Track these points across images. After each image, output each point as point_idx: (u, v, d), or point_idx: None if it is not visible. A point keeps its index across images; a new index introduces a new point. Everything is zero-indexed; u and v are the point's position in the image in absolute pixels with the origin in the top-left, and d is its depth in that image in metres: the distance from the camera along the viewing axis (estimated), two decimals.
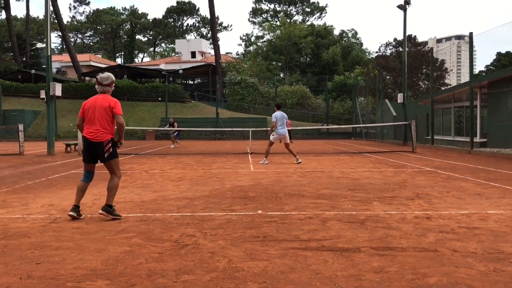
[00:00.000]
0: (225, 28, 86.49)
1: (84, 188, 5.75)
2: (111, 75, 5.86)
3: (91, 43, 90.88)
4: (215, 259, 3.87)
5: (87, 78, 53.09)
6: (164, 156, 17.28)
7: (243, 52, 72.11)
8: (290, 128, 26.13)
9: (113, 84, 5.87)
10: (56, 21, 47.96)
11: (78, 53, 63.17)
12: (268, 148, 13.18)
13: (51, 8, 38.46)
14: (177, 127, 24.03)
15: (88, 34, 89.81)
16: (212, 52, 56.44)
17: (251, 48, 68.32)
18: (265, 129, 24.84)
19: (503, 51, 52.00)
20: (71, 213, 5.54)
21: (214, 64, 48.93)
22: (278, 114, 12.98)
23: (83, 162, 5.81)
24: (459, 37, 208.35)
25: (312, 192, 7.65)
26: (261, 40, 65.84)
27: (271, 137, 13.14)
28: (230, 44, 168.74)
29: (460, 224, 5.14)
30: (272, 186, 8.49)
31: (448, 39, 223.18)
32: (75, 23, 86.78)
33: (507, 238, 4.51)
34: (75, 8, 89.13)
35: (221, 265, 3.71)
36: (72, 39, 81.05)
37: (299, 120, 43.19)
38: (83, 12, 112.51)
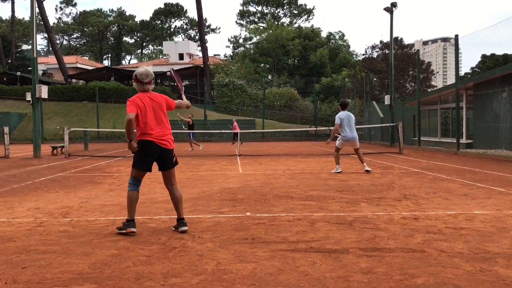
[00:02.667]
0: (213, 30, 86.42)
1: (138, 197, 5.17)
2: (150, 70, 5.19)
3: (77, 45, 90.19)
4: (204, 262, 3.86)
5: (73, 80, 52.67)
6: None
7: (231, 54, 72.07)
8: (238, 130, 26.18)
9: (153, 82, 5.20)
10: (42, 23, 47.50)
11: (64, 55, 62.63)
12: (336, 154, 11.41)
13: (37, 10, 38.11)
14: (193, 127, 22.84)
15: (74, 36, 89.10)
16: (200, 54, 56.36)
17: (239, 50, 68.32)
18: (253, 131, 24.71)
19: (488, 53, 52.67)
20: (133, 229, 4.89)
21: (202, 66, 48.85)
22: (343, 114, 11.04)
23: (139, 170, 5.17)
24: (445, 40, 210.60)
25: (301, 194, 7.66)
26: (249, 42, 65.87)
27: (337, 142, 11.43)
28: (218, 46, 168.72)
29: (446, 225, 5.18)
30: (260, 188, 8.49)
31: (434, 41, 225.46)
32: (62, 24, 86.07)
33: (493, 238, 4.56)
34: (61, 9, 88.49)
35: (210, 268, 3.70)
36: (59, 41, 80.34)
37: (287, 122, 43.30)
38: (70, 13, 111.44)
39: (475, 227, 5.04)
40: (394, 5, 24.36)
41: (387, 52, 36.48)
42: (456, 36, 18.35)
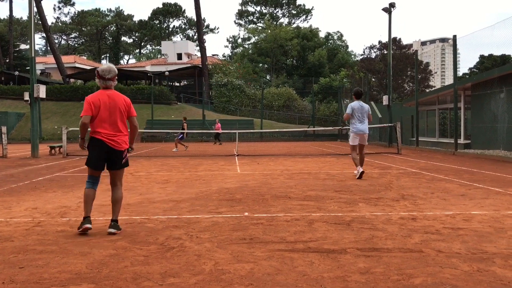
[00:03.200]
0: (211, 30, 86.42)
1: (94, 195, 5.14)
2: (113, 66, 5.17)
3: (76, 45, 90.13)
4: (201, 262, 3.86)
5: (71, 80, 52.61)
6: (150, 158, 17.18)
7: (230, 54, 72.10)
8: (220, 131, 26.14)
9: (116, 78, 5.18)
10: (40, 22, 47.44)
11: (62, 54, 62.59)
12: (353, 155, 10.26)
13: (35, 9, 38.04)
14: (186, 128, 23.24)
15: (73, 35, 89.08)
16: (199, 54, 56.36)
17: (237, 50, 68.33)
18: (251, 131, 24.71)
19: (486, 54, 52.80)
20: (87, 225, 4.89)
21: (200, 66, 48.85)
22: (355, 104, 10.08)
23: (91, 168, 5.08)
24: (443, 40, 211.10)
25: (299, 194, 7.66)
26: (248, 42, 65.89)
27: (350, 140, 10.32)
28: (217, 46, 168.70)
29: (444, 225, 5.19)
30: (258, 188, 8.49)
31: (432, 41, 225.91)
32: (60, 24, 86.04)
33: (491, 238, 4.56)
34: (59, 9, 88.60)
35: (207, 268, 3.69)
36: (57, 41, 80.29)
37: (285, 122, 43.31)
38: (68, 13, 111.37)
39: (472, 228, 5.05)
40: (392, 5, 24.39)
41: (385, 52, 36.53)
42: (454, 36, 18.38)
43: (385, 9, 24.81)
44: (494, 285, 3.26)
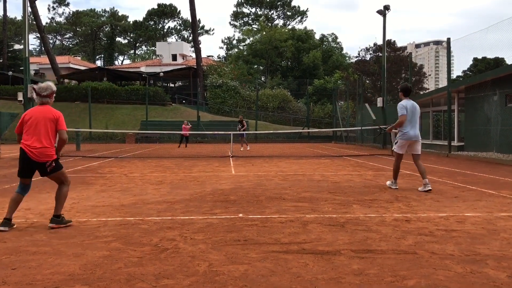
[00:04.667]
0: (206, 31, 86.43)
1: (19, 200, 5.38)
2: (51, 84, 5.52)
3: (70, 45, 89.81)
4: (196, 263, 3.85)
5: (66, 80, 52.38)
6: (144, 159, 17.14)
7: (225, 55, 72.08)
8: (188, 132, 26.10)
9: (53, 95, 5.52)
10: (34, 22, 47.23)
11: (57, 55, 62.37)
12: (396, 165, 8.55)
13: (29, 9, 37.87)
14: (245, 126, 23.58)
15: (67, 36, 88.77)
16: (193, 55, 56.32)
17: (232, 51, 68.32)
18: (246, 132, 24.68)
19: (479, 57, 53.08)
20: (3, 228, 5.07)
21: (195, 67, 48.78)
22: (408, 104, 8.26)
23: (19, 176, 5.38)
24: (437, 43, 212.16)
25: (293, 195, 7.67)
26: (242, 44, 65.91)
27: (396, 147, 8.52)
28: (212, 47, 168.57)
29: (438, 227, 5.21)
30: (253, 189, 8.48)
31: (426, 44, 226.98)
32: (54, 24, 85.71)
33: (484, 240, 4.59)
34: (54, 9, 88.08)
35: (202, 269, 3.69)
36: (51, 41, 79.93)
37: (280, 124, 43.34)
38: (62, 13, 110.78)
39: (466, 229, 5.08)
40: (387, 8, 24.48)
41: (379, 54, 36.65)
42: (448, 39, 18.48)
43: (379, 12, 24.90)
44: (487, 286, 3.28)
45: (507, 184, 9.14)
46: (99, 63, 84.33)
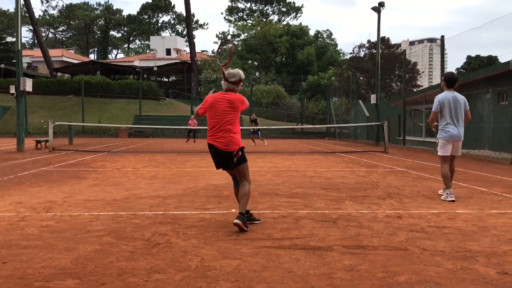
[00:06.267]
0: (201, 26, 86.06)
1: (236, 193, 5.22)
2: (241, 72, 5.30)
3: (63, 38, 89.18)
4: (188, 258, 3.85)
5: (59, 74, 52.04)
6: (137, 154, 17.08)
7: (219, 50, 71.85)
8: (196, 127, 26.19)
9: (241, 84, 5.31)
10: (27, 15, 46.84)
11: (50, 48, 61.89)
12: (444, 169, 7.04)
13: (22, 1, 37.53)
14: (259, 124, 23.94)
15: (60, 29, 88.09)
16: (188, 49, 56.12)
17: (227, 46, 68.08)
18: (240, 127, 24.69)
19: (473, 55, 53.29)
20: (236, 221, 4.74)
21: (189, 61, 48.65)
22: (446, 96, 7.08)
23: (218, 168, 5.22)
24: (431, 40, 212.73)
25: (286, 191, 7.68)
26: (237, 39, 65.74)
27: (439, 149, 7.19)
28: (206, 42, 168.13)
29: (429, 223, 5.24)
30: None
31: (420, 41, 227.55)
32: (47, 17, 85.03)
33: (474, 237, 4.62)
34: (47, 1, 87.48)
35: (194, 264, 3.69)
36: (44, 34, 79.31)
37: (274, 120, 43.33)
38: (56, 6, 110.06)
39: (457, 226, 5.11)
40: (381, 4, 24.50)
41: (373, 51, 36.71)
42: (442, 37, 18.54)
43: (374, 9, 24.92)
44: (477, 282, 3.30)
45: (499, 181, 9.21)
46: (92, 56, 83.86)
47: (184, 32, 73.95)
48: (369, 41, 41.08)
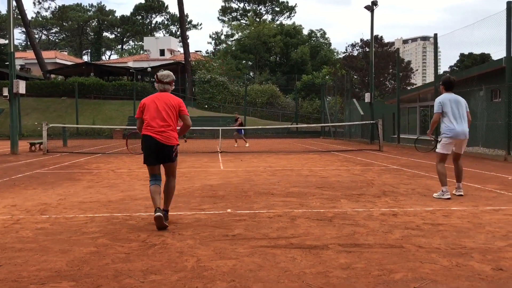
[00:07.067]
0: (194, 26, 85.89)
1: (158, 190, 5.30)
2: (171, 73, 5.50)
3: (56, 40, 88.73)
4: (183, 259, 3.84)
5: (52, 76, 51.81)
6: (131, 155, 17.03)
7: (213, 50, 71.79)
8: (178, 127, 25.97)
9: (173, 83, 5.51)
10: (19, 17, 46.59)
11: (43, 50, 61.56)
12: (440, 167, 7.11)
13: (14, 3, 37.33)
14: (242, 124, 23.32)
15: (53, 30, 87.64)
16: (181, 50, 56.00)
17: (221, 46, 68.10)
18: (235, 127, 24.61)
19: (466, 52, 53.48)
20: (158, 214, 4.89)
21: (183, 62, 48.54)
22: (447, 97, 7.11)
23: (145, 164, 5.40)
24: (424, 38, 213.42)
25: (282, 190, 7.68)
26: (231, 39, 65.72)
27: (439, 146, 7.22)
28: (200, 42, 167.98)
29: (425, 221, 5.26)
30: (241, 184, 8.49)
31: (414, 40, 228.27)
32: (40, 19, 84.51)
33: (469, 234, 4.64)
34: (39, 3, 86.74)
35: (190, 265, 3.68)
36: (37, 36, 78.94)
37: (269, 119, 43.32)
38: (48, 7, 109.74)
39: (452, 223, 5.13)
40: (374, 3, 24.56)
41: (367, 50, 36.79)
42: (435, 35, 18.61)
43: (367, 7, 24.97)
44: (472, 279, 3.32)
45: (493, 178, 9.26)
46: (86, 58, 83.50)
47: (178, 33, 73.82)
48: (361, 40, 41.14)
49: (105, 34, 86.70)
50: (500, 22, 14.12)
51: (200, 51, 68.14)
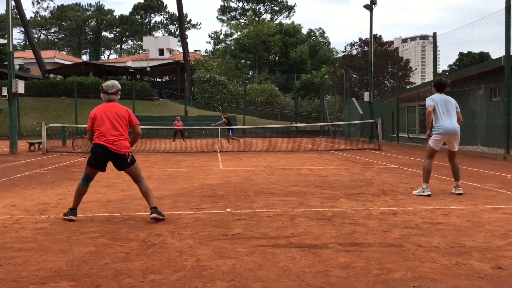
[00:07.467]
0: (193, 25, 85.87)
1: (84, 192, 5.64)
2: (116, 82, 5.70)
3: (55, 40, 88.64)
4: (183, 258, 3.84)
5: (51, 75, 51.77)
6: None
7: (212, 50, 71.80)
8: (181, 127, 26.03)
9: (119, 93, 5.72)
10: (18, 16, 46.54)
11: (42, 49, 61.46)
12: (427, 163, 7.22)
13: (13, 3, 37.29)
14: (227, 124, 23.30)
15: (52, 30, 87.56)
16: (181, 49, 55.99)
17: (220, 46, 68.08)
18: (234, 127, 24.61)
19: (465, 51, 53.49)
20: (71, 216, 5.36)
21: (182, 61, 48.53)
22: (437, 97, 7.37)
23: (91, 167, 5.65)
24: (423, 37, 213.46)
25: (281, 190, 7.68)
26: (230, 38, 65.70)
27: (430, 141, 7.29)
28: (199, 42, 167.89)
29: (424, 220, 5.26)
30: (241, 184, 8.49)
31: (413, 39, 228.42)
32: (39, 18, 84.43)
33: (468, 233, 4.65)
34: (38, 3, 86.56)
35: (189, 264, 3.68)
36: (36, 35, 78.84)
37: (268, 118, 43.33)
38: (47, 7, 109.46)
39: (451, 222, 5.13)
40: (373, 2, 24.56)
41: (366, 49, 36.80)
42: (434, 34, 18.61)
43: (366, 6, 24.96)
44: (471, 278, 3.32)
45: (492, 177, 9.27)
46: (85, 57, 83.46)
47: (177, 32, 73.78)
48: (360, 39, 41.14)
49: (104, 33, 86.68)
50: (499, 21, 14.13)
51: (199, 51, 68.19)
